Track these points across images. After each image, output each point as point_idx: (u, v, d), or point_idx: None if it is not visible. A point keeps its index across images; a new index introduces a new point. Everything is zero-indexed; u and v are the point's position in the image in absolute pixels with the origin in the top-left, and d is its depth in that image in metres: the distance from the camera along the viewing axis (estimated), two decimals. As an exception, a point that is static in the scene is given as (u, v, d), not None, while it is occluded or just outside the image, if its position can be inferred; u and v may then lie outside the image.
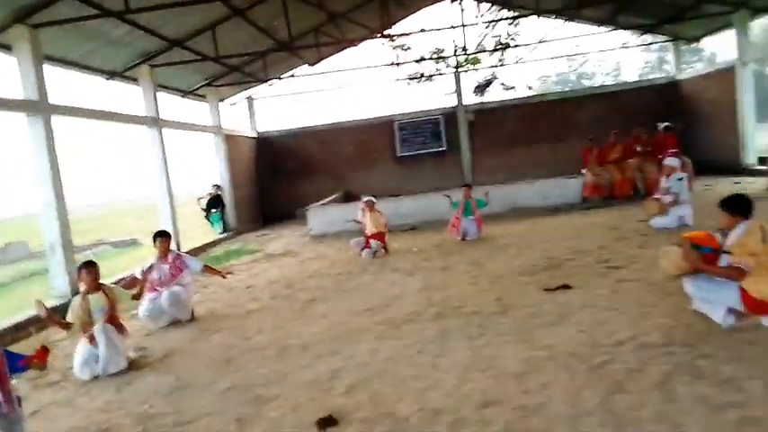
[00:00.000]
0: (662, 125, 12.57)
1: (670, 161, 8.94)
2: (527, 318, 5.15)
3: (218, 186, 15.69)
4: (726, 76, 14.97)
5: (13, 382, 3.36)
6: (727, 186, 12.27)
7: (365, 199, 9.74)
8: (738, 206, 4.21)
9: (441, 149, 18.32)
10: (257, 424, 3.70)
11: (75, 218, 10.76)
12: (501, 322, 5.12)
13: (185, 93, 14.98)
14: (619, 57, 44.45)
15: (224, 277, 7.19)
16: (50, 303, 7.06)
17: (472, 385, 3.85)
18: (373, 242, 9.36)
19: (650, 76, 34.84)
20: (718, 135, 15.51)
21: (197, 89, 15.18)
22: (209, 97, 15.68)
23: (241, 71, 15.34)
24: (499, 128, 18.22)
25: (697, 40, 17.63)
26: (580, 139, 14.30)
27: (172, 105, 14.94)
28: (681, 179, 8.69)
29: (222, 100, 16.55)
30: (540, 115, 18.20)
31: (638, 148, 12.42)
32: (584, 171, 12.64)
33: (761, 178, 12.27)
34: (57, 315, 5.14)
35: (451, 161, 18.19)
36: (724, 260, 4.23)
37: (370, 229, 9.45)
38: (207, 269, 6.94)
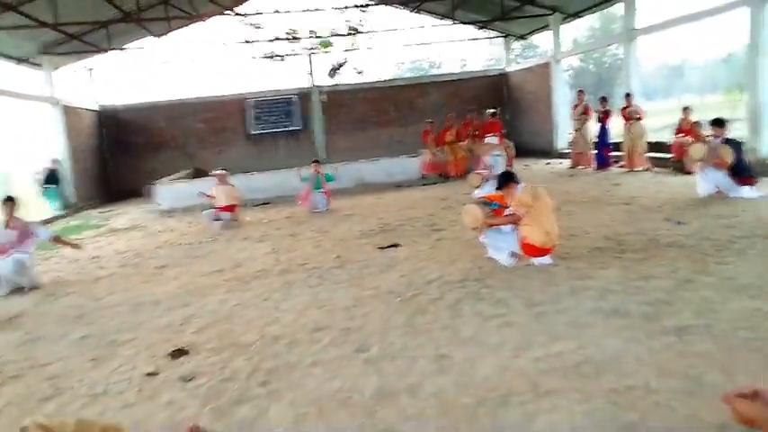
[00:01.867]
0: (489, 111, 14.28)
1: (489, 140, 10.41)
2: (360, 269, 6.02)
3: (56, 161, 14.82)
4: (543, 70, 17.22)
5: None
6: (540, 166, 14.35)
7: (216, 171, 10.05)
8: (508, 178, 5.43)
9: (295, 128, 18.85)
10: (113, 360, 4.12)
11: None
12: (338, 273, 5.93)
13: (19, 60, 13.93)
14: (466, 48, 47.88)
15: (75, 247, 7.22)
16: None
17: (307, 318, 4.60)
18: (224, 214, 9.73)
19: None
20: (537, 122, 17.82)
21: (31, 57, 14.17)
22: (46, 66, 14.70)
23: (81, 40, 14.57)
24: (351, 110, 19.18)
25: (524, 37, 19.92)
26: (424, 122, 15.69)
27: (2, 73, 13.79)
28: (498, 155, 10.17)
29: (57, 68, 15.54)
30: (389, 100, 19.45)
31: (470, 131, 14.01)
32: (422, 151, 13.99)
33: (566, 160, 14.49)
34: None
35: (305, 141, 18.81)
36: (507, 213, 5.43)
37: (220, 202, 9.80)
38: (56, 239, 6.95)
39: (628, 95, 12.07)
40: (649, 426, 2.62)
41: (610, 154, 12.52)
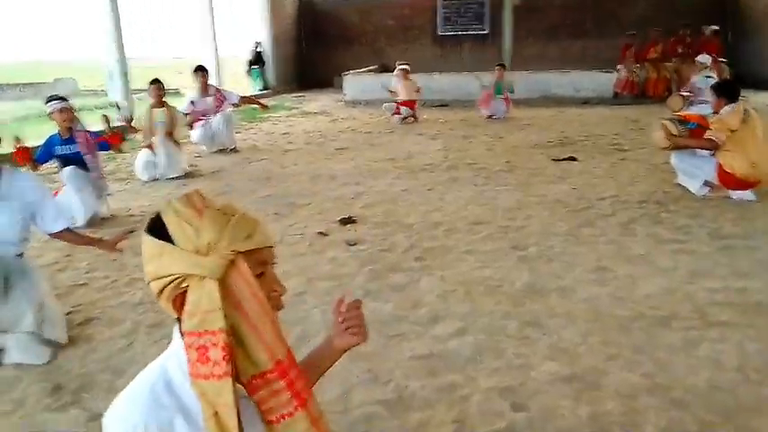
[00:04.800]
0: (711, 28, 12.40)
1: (701, 58, 9.12)
2: (529, 176, 5.85)
3: (259, 44, 16.08)
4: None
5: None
6: (760, 99, 12.35)
7: (400, 66, 10.18)
8: (725, 90, 4.70)
9: (482, 32, 18.17)
10: (291, 218, 4.58)
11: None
12: (505, 177, 5.83)
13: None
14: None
15: (261, 106, 7.93)
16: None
17: (468, 212, 4.64)
18: (404, 109, 9.92)
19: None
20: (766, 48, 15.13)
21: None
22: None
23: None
24: (543, 17, 17.87)
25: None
26: (625, 35, 14.16)
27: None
28: (709, 77, 8.91)
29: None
30: (586, 8, 17.71)
31: (680, 50, 12.38)
32: (619, 67, 12.72)
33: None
34: (131, 124, 6.04)
35: (491, 46, 18.09)
36: (707, 136, 4.80)
37: (402, 96, 9.98)
38: (244, 99, 7.73)
39: None
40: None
41: None
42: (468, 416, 2.07)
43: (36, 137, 5.17)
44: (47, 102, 4.40)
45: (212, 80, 12.66)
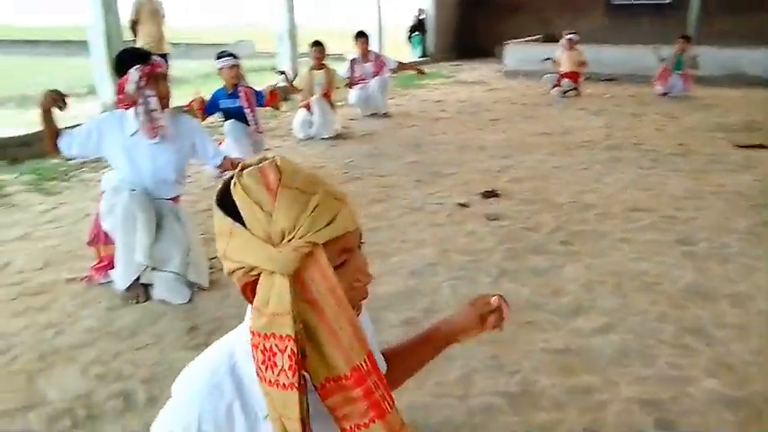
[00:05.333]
0: None
1: None
2: (706, 162, 5.15)
3: (422, 10, 15.98)
4: None
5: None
6: None
7: (567, 35, 9.49)
8: None
9: (664, 2, 16.35)
10: (434, 186, 4.48)
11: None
12: (677, 161, 5.19)
13: None
14: None
15: (420, 72, 7.87)
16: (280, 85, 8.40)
17: (628, 196, 4.19)
18: (565, 81, 9.27)
19: None
20: None
21: None
22: None
23: None
24: (747, -17, 15.60)
25: None
26: None
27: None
28: None
29: None
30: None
31: None
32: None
33: None
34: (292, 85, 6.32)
35: (674, 18, 16.19)
36: None
37: (565, 68, 9.32)
38: (402, 65, 7.70)
39: None
40: None
41: None
42: (602, 425, 1.84)
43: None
44: (217, 58, 4.69)
45: (374, 47, 12.95)
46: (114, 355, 2.19)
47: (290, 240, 0.74)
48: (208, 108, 4.76)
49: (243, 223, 0.76)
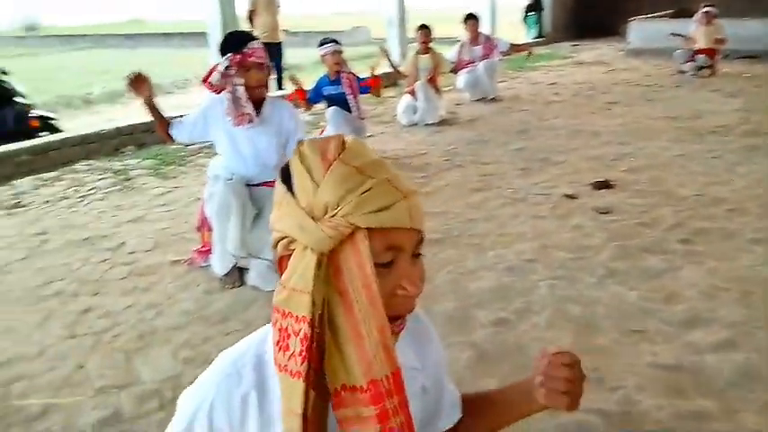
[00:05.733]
0: None
1: None
2: None
3: (540, -12, 15.23)
4: None
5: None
6: None
7: (704, 8, 8.56)
8: None
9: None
10: (540, 175, 4.22)
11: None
12: (831, 151, 4.51)
13: None
14: None
15: (531, 53, 7.51)
16: (384, 71, 8.37)
17: (765, 190, 3.68)
18: (700, 57, 8.39)
19: None
20: None
21: None
22: None
23: None
24: None
25: None
26: None
27: None
28: None
29: None
30: None
31: None
32: None
33: None
34: (397, 69, 6.27)
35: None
36: None
37: (700, 44, 8.43)
38: (515, 47, 7.36)
39: None
40: None
41: None
42: (716, 459, 1.60)
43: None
44: (320, 45, 4.71)
45: (486, 28, 12.55)
46: (204, 339, 2.25)
47: (332, 217, 0.67)
48: (312, 97, 4.81)
49: (293, 193, 0.71)
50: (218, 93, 2.58)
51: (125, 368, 2.06)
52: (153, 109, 2.69)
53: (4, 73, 6.00)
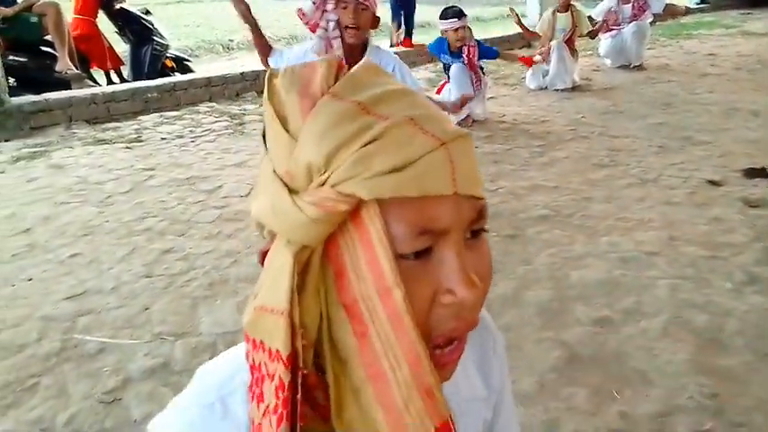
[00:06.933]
0: None
1: None
2: None
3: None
4: None
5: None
6: None
7: None
8: None
9: None
10: (678, 155, 3.64)
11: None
12: None
13: None
14: None
15: (680, 14, 6.64)
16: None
17: None
18: None
19: None
20: None
21: None
22: None
23: None
24: None
25: None
26: None
27: None
28: None
29: None
30: None
31: None
32: None
33: None
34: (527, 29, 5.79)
35: None
36: None
37: None
38: (671, 9, 6.59)
39: None
40: None
41: None
42: None
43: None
44: (441, 17, 4.35)
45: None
46: (271, 295, 2.14)
47: (318, 186, 0.40)
48: (432, 48, 4.56)
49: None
50: (313, 30, 2.39)
51: (188, 315, 2.00)
52: (254, 28, 2.54)
53: (148, 12, 6.29)
